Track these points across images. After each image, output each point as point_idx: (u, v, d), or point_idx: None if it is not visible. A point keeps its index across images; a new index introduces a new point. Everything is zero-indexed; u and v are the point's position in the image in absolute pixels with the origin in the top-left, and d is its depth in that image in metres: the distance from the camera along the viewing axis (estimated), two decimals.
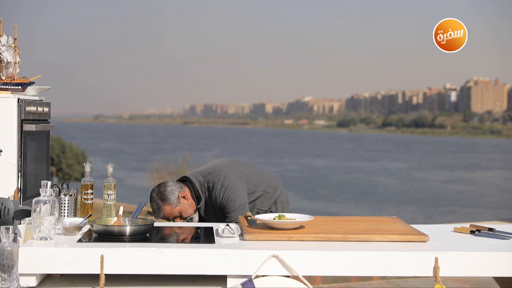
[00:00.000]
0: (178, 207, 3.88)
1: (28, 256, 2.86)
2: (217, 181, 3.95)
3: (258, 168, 4.20)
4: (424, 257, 2.93)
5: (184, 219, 3.90)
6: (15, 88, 3.88)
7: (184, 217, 3.90)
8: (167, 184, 3.93)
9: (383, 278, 6.04)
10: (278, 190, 4.15)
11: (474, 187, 55.51)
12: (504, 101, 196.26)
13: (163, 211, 3.86)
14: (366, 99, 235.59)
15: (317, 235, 3.16)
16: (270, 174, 4.22)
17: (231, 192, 3.92)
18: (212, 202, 3.97)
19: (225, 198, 3.91)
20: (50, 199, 3.03)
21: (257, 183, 4.06)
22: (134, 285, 2.98)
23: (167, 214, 3.86)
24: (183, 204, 3.90)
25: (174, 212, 3.87)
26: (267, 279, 2.90)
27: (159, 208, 3.86)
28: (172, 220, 3.88)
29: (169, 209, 3.86)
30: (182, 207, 3.89)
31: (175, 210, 3.87)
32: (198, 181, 3.98)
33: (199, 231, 3.41)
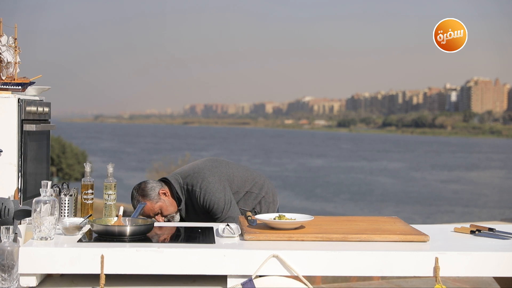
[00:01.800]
0: (158, 203, 3.88)
1: (28, 256, 2.86)
2: (195, 184, 3.95)
3: (242, 168, 4.18)
4: (424, 257, 2.93)
5: (165, 217, 3.91)
6: (15, 88, 3.88)
7: (164, 215, 3.90)
8: (148, 181, 3.95)
9: (383, 278, 6.04)
10: (263, 191, 4.12)
11: (473, 187, 55.50)
12: (504, 101, 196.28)
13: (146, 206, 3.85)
14: (366, 99, 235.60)
15: (317, 235, 3.16)
16: (256, 174, 4.19)
17: (211, 194, 3.91)
18: (194, 203, 3.97)
19: (207, 202, 3.92)
20: (50, 199, 3.03)
21: (240, 184, 4.06)
22: (134, 285, 2.98)
23: (147, 210, 3.85)
24: (163, 201, 3.91)
25: (155, 209, 3.86)
26: (267, 279, 2.90)
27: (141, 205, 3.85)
28: (152, 217, 3.88)
29: (150, 205, 3.86)
30: (163, 204, 3.90)
31: (155, 206, 3.87)
32: (178, 183, 3.99)
33: (199, 231, 3.41)
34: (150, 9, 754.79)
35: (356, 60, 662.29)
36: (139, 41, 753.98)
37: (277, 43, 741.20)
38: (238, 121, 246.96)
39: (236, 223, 3.83)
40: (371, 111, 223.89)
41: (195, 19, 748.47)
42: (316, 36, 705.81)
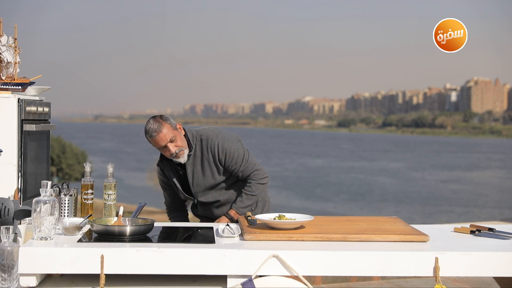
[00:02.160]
0: (175, 131, 3.84)
1: (28, 256, 2.86)
2: (211, 135, 3.95)
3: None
4: (424, 257, 2.93)
5: (176, 148, 3.83)
6: (15, 88, 3.88)
7: (177, 144, 3.84)
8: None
9: (383, 278, 6.04)
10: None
11: (473, 187, 55.51)
12: (504, 101, 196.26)
13: (162, 129, 3.79)
14: (366, 99, 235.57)
15: (317, 235, 3.16)
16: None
17: (230, 142, 3.94)
18: (204, 154, 3.93)
19: (226, 150, 3.91)
20: (50, 199, 3.03)
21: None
22: (134, 285, 2.98)
23: (164, 133, 3.79)
24: (179, 132, 3.88)
25: (171, 134, 3.81)
26: (267, 279, 2.90)
27: (159, 126, 3.79)
28: (163, 146, 3.82)
29: (168, 128, 3.81)
30: (178, 134, 3.86)
31: (172, 132, 3.82)
32: (191, 132, 3.98)
33: (199, 231, 3.41)
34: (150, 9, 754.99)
35: (356, 60, 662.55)
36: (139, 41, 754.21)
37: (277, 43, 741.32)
38: (238, 121, 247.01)
39: (257, 170, 3.97)
40: (371, 111, 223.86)
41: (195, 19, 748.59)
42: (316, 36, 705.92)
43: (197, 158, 3.95)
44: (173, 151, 3.83)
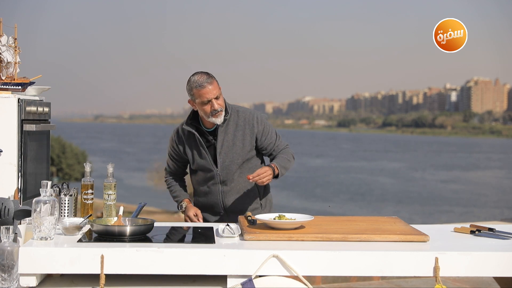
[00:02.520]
0: (220, 90, 3.79)
1: (28, 256, 2.85)
2: (248, 109, 3.95)
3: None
4: (424, 257, 2.93)
5: (218, 106, 3.75)
6: (15, 88, 3.88)
7: (220, 104, 3.76)
8: None
9: (383, 278, 6.04)
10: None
11: (473, 187, 55.53)
12: (504, 101, 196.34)
13: (213, 82, 3.74)
14: (366, 99, 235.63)
15: (317, 235, 3.16)
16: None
17: (266, 119, 3.95)
18: (239, 124, 3.88)
19: (263, 124, 3.90)
20: (50, 199, 3.03)
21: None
22: (134, 285, 2.98)
23: (214, 86, 3.74)
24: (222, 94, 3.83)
25: (218, 91, 3.76)
26: (267, 279, 2.90)
27: (209, 79, 3.74)
28: (207, 101, 3.73)
29: (216, 85, 3.77)
30: (222, 94, 3.81)
31: (219, 90, 3.77)
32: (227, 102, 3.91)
33: (199, 231, 3.41)
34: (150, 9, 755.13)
35: (356, 60, 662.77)
36: (139, 41, 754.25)
37: (277, 43, 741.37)
38: None
39: (288, 146, 3.96)
40: (371, 111, 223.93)
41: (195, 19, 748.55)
42: (316, 36, 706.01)
43: (231, 127, 3.89)
44: (217, 107, 3.74)
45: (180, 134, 4.00)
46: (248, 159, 3.93)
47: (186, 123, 3.93)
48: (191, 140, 3.94)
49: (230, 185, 3.93)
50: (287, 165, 3.89)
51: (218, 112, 3.76)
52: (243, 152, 3.89)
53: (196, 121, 3.93)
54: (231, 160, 3.88)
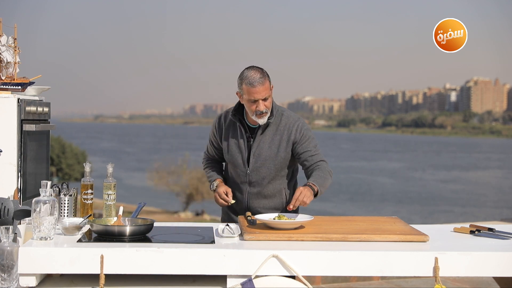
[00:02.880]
0: (270, 92, 3.67)
1: (28, 256, 2.85)
2: (293, 115, 3.82)
3: None
4: (424, 257, 2.93)
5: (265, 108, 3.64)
6: (15, 88, 3.88)
7: (267, 105, 3.65)
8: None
9: (383, 278, 6.04)
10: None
11: (472, 187, 55.54)
12: (504, 101, 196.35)
13: (265, 82, 3.61)
14: (366, 99, 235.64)
15: (317, 235, 3.16)
16: None
17: (308, 127, 3.80)
18: (279, 128, 3.76)
19: (305, 131, 3.75)
20: (50, 199, 3.03)
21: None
22: (134, 285, 2.98)
23: (266, 87, 3.62)
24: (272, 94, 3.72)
25: (268, 92, 3.64)
26: (267, 279, 2.90)
27: (263, 78, 3.62)
28: (255, 100, 3.61)
29: (268, 86, 3.64)
30: (271, 95, 3.70)
31: (269, 91, 3.65)
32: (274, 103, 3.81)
33: (199, 231, 3.41)
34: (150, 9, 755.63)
35: (356, 60, 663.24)
36: (139, 41, 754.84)
37: (277, 43, 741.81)
38: None
39: (325, 161, 3.78)
40: (371, 111, 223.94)
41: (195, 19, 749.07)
42: (316, 36, 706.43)
43: (271, 129, 3.77)
44: (262, 109, 3.63)
45: (221, 121, 3.90)
46: (281, 167, 3.81)
47: (232, 113, 3.81)
48: (231, 130, 3.84)
49: (257, 188, 3.81)
50: (325, 183, 3.68)
51: (263, 113, 3.66)
52: (277, 158, 3.76)
53: (240, 114, 3.82)
54: (263, 163, 3.76)
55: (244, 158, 3.79)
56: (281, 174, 3.83)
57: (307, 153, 3.75)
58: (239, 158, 3.80)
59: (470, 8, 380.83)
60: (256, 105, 3.63)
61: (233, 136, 3.83)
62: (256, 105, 3.63)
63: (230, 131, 3.84)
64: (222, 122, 3.89)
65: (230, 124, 3.85)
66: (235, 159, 3.81)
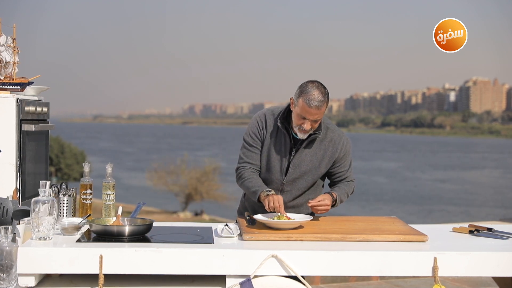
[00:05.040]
0: (323, 115, 3.57)
1: (27, 256, 2.85)
2: (339, 131, 3.73)
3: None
4: (423, 257, 2.93)
5: (310, 129, 3.54)
6: (14, 88, 3.88)
7: (314, 127, 3.54)
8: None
9: (382, 278, 6.04)
10: None
11: (471, 187, 55.56)
12: (503, 101, 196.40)
13: (322, 107, 3.48)
14: (365, 99, 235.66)
15: (316, 235, 3.16)
16: None
17: (350, 147, 3.74)
18: (323, 142, 3.67)
19: (346, 151, 3.70)
20: (49, 199, 3.03)
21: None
22: (133, 285, 2.98)
23: (320, 111, 3.48)
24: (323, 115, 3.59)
25: (321, 116, 3.53)
26: (266, 279, 2.90)
27: (323, 102, 3.48)
28: (304, 118, 3.49)
29: (323, 111, 3.51)
30: (322, 118, 3.61)
31: (322, 115, 3.54)
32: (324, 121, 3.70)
33: (198, 231, 3.41)
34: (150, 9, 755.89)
35: (355, 60, 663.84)
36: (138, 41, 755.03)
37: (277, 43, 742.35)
38: (237, 121, 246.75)
39: (354, 180, 3.77)
40: (370, 111, 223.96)
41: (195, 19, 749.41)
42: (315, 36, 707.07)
43: (316, 143, 3.66)
44: (307, 128, 3.52)
45: (267, 119, 3.73)
46: (317, 180, 3.76)
47: (280, 120, 3.66)
48: (275, 133, 3.68)
49: (288, 198, 3.72)
50: (344, 199, 3.71)
51: (306, 131, 3.55)
52: (317, 172, 3.70)
53: (287, 122, 3.67)
54: (301, 176, 3.68)
55: (283, 167, 3.68)
56: (314, 187, 3.79)
57: (342, 173, 3.75)
58: (277, 166, 3.68)
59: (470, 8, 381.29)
60: (304, 122, 3.52)
61: (276, 142, 3.68)
62: (303, 122, 3.52)
63: (274, 135, 3.69)
64: (267, 121, 3.73)
65: (274, 128, 3.70)
66: (272, 165, 3.69)
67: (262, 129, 3.71)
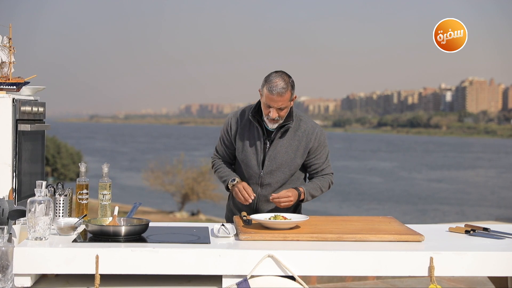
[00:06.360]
0: (289, 103, 3.63)
1: (23, 256, 2.85)
2: (312, 122, 3.81)
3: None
4: (419, 257, 2.94)
5: (277, 116, 3.62)
6: (10, 88, 3.87)
7: (281, 115, 3.62)
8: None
9: (378, 278, 6.05)
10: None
11: (467, 187, 55.63)
12: (499, 101, 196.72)
13: (285, 94, 3.56)
14: (362, 99, 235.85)
15: (312, 235, 3.16)
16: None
17: (325, 137, 3.81)
18: (297, 134, 3.74)
19: (322, 141, 3.78)
20: (45, 199, 3.03)
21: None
22: (129, 285, 2.98)
23: (284, 98, 3.57)
24: (290, 105, 3.67)
25: (286, 103, 3.60)
26: (262, 279, 2.90)
27: (285, 89, 3.56)
28: (270, 106, 3.59)
29: (287, 98, 3.58)
30: (289, 106, 3.66)
31: (287, 102, 3.60)
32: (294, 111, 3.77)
33: (194, 231, 3.41)
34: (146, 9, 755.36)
35: (352, 60, 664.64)
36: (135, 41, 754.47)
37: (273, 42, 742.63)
38: None
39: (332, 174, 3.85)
40: (366, 111, 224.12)
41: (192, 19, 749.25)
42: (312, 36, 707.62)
43: (289, 134, 3.74)
44: (273, 116, 3.61)
45: (238, 117, 3.85)
46: (295, 172, 3.81)
47: (251, 113, 3.76)
48: (248, 130, 3.79)
49: (268, 191, 3.78)
50: (317, 193, 3.78)
51: (274, 120, 3.64)
52: (293, 163, 3.75)
53: (259, 115, 3.76)
54: (278, 167, 3.74)
55: (259, 160, 3.76)
56: (293, 180, 3.83)
57: (318, 165, 3.82)
58: (254, 159, 3.77)
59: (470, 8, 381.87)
60: (270, 111, 3.62)
61: (250, 136, 3.78)
62: (270, 111, 3.62)
63: (247, 130, 3.80)
64: (238, 119, 3.84)
65: (247, 122, 3.80)
66: (249, 159, 3.78)
67: (233, 125, 3.85)
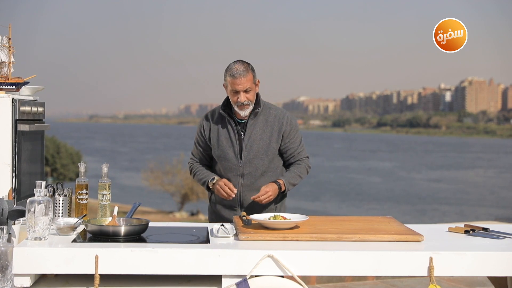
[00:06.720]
0: (253, 85, 3.80)
1: (22, 256, 2.85)
2: (282, 109, 3.95)
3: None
4: (419, 257, 2.94)
5: (245, 100, 3.77)
6: (9, 88, 3.87)
7: (248, 98, 3.78)
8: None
9: (378, 278, 6.05)
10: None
11: (466, 187, 55.64)
12: (498, 101, 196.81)
13: (247, 75, 3.75)
14: (361, 99, 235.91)
15: (312, 235, 3.16)
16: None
17: (296, 122, 3.94)
18: (269, 120, 3.89)
19: (293, 126, 3.91)
20: (45, 199, 3.03)
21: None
22: (128, 285, 2.98)
23: (247, 79, 3.74)
24: (256, 88, 3.84)
25: (250, 84, 3.76)
26: (262, 279, 2.90)
27: (246, 71, 3.75)
28: (236, 91, 3.75)
29: (250, 79, 3.76)
30: (254, 88, 3.82)
31: (251, 84, 3.77)
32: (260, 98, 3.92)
33: (193, 231, 3.41)
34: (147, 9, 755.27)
35: (351, 60, 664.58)
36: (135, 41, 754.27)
37: (273, 42, 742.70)
38: None
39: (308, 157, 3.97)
40: (366, 111, 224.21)
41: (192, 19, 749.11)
42: (311, 36, 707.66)
43: (260, 122, 3.88)
44: (243, 100, 3.76)
45: (209, 117, 4.00)
46: (273, 158, 3.91)
47: (221, 107, 3.92)
48: (220, 125, 3.93)
49: (250, 181, 3.88)
50: (296, 181, 3.90)
51: (244, 105, 3.79)
52: (269, 149, 3.87)
53: (229, 109, 3.92)
54: (255, 155, 3.85)
55: (236, 151, 3.88)
56: (273, 166, 3.94)
57: (293, 149, 3.94)
58: (231, 152, 3.88)
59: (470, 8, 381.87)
60: (238, 96, 3.76)
61: (223, 131, 3.92)
62: (238, 96, 3.76)
63: (219, 126, 3.94)
64: (209, 118, 4.00)
65: (218, 119, 3.95)
66: (226, 153, 3.89)
67: (205, 125, 3.99)
